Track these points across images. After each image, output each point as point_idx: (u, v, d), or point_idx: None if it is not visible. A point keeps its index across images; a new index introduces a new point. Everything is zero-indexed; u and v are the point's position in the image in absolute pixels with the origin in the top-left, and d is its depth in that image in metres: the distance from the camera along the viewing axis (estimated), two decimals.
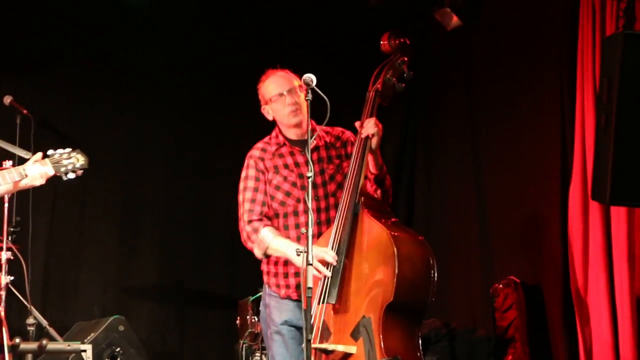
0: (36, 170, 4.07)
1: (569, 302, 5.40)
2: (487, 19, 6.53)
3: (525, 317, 5.60)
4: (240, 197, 4.50)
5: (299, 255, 4.03)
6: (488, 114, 6.52)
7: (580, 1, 5.35)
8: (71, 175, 4.18)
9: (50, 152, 4.17)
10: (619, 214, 5.00)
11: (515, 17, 6.22)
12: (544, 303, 5.70)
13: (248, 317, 6.17)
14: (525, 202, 6.10)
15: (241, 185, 4.52)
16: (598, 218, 5.16)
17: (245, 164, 4.55)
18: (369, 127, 4.31)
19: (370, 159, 4.34)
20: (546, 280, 5.78)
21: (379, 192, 4.42)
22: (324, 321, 4.09)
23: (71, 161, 4.17)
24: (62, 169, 4.15)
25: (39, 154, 4.16)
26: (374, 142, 4.30)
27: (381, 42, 4.51)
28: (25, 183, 4.09)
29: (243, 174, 4.54)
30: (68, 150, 4.22)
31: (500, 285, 5.71)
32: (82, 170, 4.20)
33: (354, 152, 4.34)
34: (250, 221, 4.43)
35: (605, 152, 3.78)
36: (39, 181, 4.11)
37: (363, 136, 4.30)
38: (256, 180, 4.50)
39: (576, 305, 5.31)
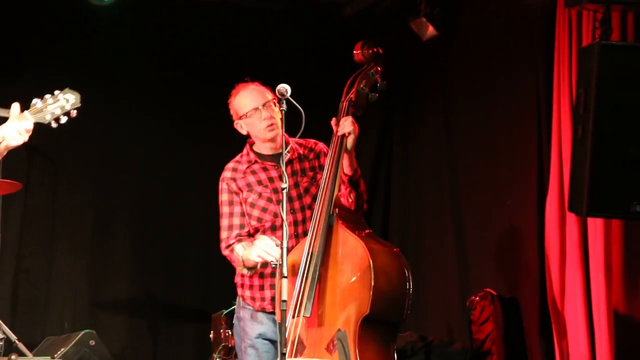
0: (12, 128, 3.66)
1: (546, 315, 5.41)
2: (463, 29, 6.56)
3: (502, 330, 5.60)
4: (220, 224, 4.51)
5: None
6: (464, 125, 6.54)
7: (556, 12, 5.38)
8: (63, 119, 3.81)
9: (34, 101, 3.79)
10: (595, 225, 5.02)
11: (491, 27, 6.25)
12: (520, 316, 5.71)
13: (222, 330, 6.15)
14: (501, 214, 6.12)
15: (219, 211, 4.53)
16: (575, 230, 5.18)
17: (219, 188, 4.56)
18: (346, 125, 4.31)
19: (345, 159, 4.33)
20: (523, 292, 5.79)
21: (352, 195, 4.41)
22: (299, 335, 4.08)
23: (59, 104, 3.80)
24: (48, 116, 3.77)
25: (16, 108, 3.75)
26: (350, 141, 4.30)
27: (354, 52, 4.53)
28: (4, 145, 3.68)
29: (218, 199, 4.55)
30: (55, 93, 3.84)
31: (477, 298, 5.71)
32: (75, 111, 3.83)
33: (328, 156, 4.34)
34: (227, 246, 4.46)
35: (582, 164, 3.80)
36: (20, 139, 3.69)
37: (339, 134, 4.30)
38: (230, 204, 4.51)
39: (553, 318, 5.32)
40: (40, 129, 6.85)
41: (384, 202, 7.25)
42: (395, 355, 4.16)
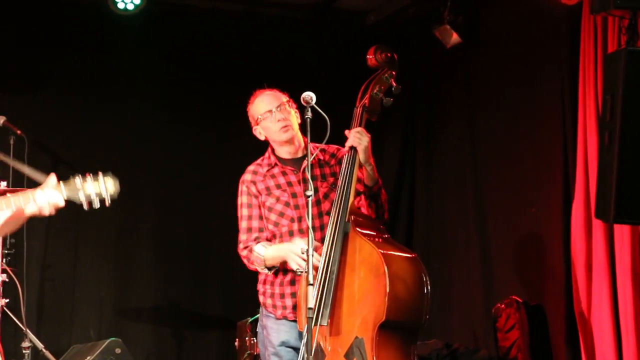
0: (44, 198, 3.52)
1: (572, 322, 5.39)
2: (487, 36, 6.55)
3: (527, 337, 5.58)
4: (238, 226, 4.52)
5: (300, 273, 4.04)
6: (489, 133, 6.52)
7: (581, 18, 5.36)
8: (96, 204, 3.63)
9: (74, 178, 3.63)
10: (622, 232, 5.00)
11: (515, 35, 6.24)
12: (547, 323, 5.69)
13: (247, 338, 6.16)
14: (526, 220, 6.10)
15: (238, 213, 4.54)
16: (601, 236, 5.16)
17: (239, 191, 4.57)
18: (352, 138, 4.31)
19: (364, 171, 4.34)
20: (549, 299, 5.77)
21: (373, 206, 4.41)
22: (317, 342, 4.08)
23: (96, 189, 3.62)
24: (82, 197, 3.60)
25: (53, 178, 3.60)
26: (360, 153, 4.30)
27: (367, 57, 4.52)
28: (31, 211, 3.56)
29: (238, 202, 4.57)
30: (98, 175, 3.67)
31: (503, 305, 5.70)
32: (109, 199, 3.65)
33: (342, 167, 4.34)
34: (244, 247, 4.46)
35: (609, 170, 3.78)
36: (47, 209, 3.56)
37: (346, 148, 4.31)
38: (249, 207, 4.52)
39: (579, 325, 5.29)
40: (63, 137, 6.98)
41: (408, 209, 7.24)
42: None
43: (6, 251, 6.17)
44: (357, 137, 4.31)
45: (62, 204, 3.57)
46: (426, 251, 6.71)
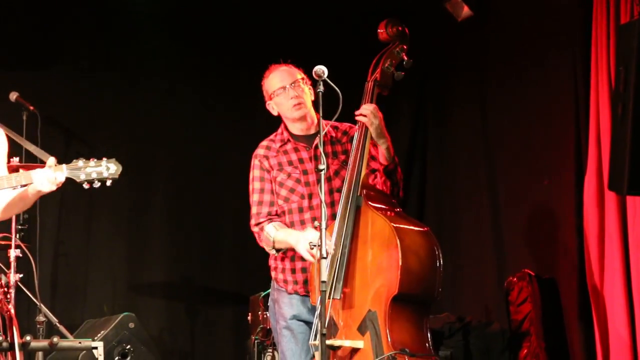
0: (42, 175, 3.76)
1: (585, 295, 5.38)
2: (498, 9, 6.50)
3: (540, 310, 5.58)
4: (250, 200, 4.53)
5: (312, 248, 4.06)
6: (500, 106, 6.50)
7: None
8: (96, 184, 3.85)
9: (77, 160, 3.87)
10: (635, 204, 4.97)
11: (527, 6, 6.20)
12: (559, 296, 5.69)
13: (259, 312, 6.18)
14: (538, 194, 6.09)
15: (250, 187, 4.55)
16: (614, 209, 5.13)
17: (251, 165, 4.59)
18: (363, 108, 4.30)
19: (380, 149, 4.33)
20: (561, 273, 5.76)
21: (388, 184, 4.41)
22: (330, 316, 4.09)
23: (98, 169, 3.83)
24: (82, 176, 3.83)
25: (52, 160, 3.84)
26: (372, 130, 4.28)
27: (379, 31, 4.51)
28: (32, 189, 3.80)
29: (250, 176, 4.57)
30: (102, 160, 3.88)
31: (515, 279, 5.69)
32: (110, 180, 3.86)
33: (354, 139, 4.33)
34: (257, 223, 4.48)
35: (622, 142, 3.77)
36: (47, 186, 3.78)
37: (357, 118, 4.30)
38: (261, 180, 4.53)
39: (592, 298, 5.29)
40: (75, 113, 6.99)
41: (420, 184, 7.24)
42: (429, 334, 4.15)
43: (19, 227, 6.19)
44: (368, 113, 4.29)
45: (62, 179, 3.78)
46: (438, 225, 6.70)
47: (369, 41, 4.73)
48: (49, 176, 3.75)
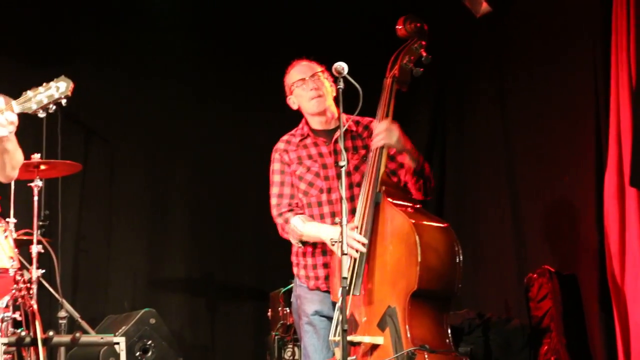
0: None
1: (606, 292, 5.35)
2: (518, 4, 6.49)
3: (560, 307, 5.57)
4: (270, 192, 4.54)
5: (333, 245, 4.07)
6: (520, 102, 6.48)
7: None
8: (51, 108, 3.57)
9: (27, 91, 3.57)
10: None
11: (547, 1, 6.18)
12: (579, 293, 5.67)
13: (280, 308, 6.20)
14: (558, 190, 6.07)
15: (270, 179, 4.56)
16: (635, 205, 5.10)
17: (272, 158, 4.60)
18: (377, 139, 4.28)
19: (405, 156, 4.33)
20: (581, 269, 5.74)
21: (420, 183, 4.41)
22: (351, 313, 4.09)
23: (48, 92, 3.56)
24: (34, 106, 3.53)
25: (1, 101, 3.57)
26: (391, 146, 4.28)
27: (397, 27, 4.49)
28: None
29: (270, 169, 4.59)
30: (50, 82, 3.60)
31: (535, 275, 5.68)
32: (64, 99, 3.58)
33: (372, 149, 4.32)
34: (279, 214, 4.48)
35: None
36: (3, 130, 3.49)
37: (373, 147, 4.29)
38: (281, 173, 4.54)
39: (613, 295, 5.26)
40: (95, 111, 7.02)
41: (439, 179, 7.21)
42: (449, 330, 4.14)
43: (41, 222, 6.23)
44: (380, 140, 4.28)
45: (13, 118, 3.51)
46: (457, 221, 6.68)
47: (387, 37, 4.73)
48: (0, 120, 3.48)
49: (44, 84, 3.56)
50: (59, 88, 3.56)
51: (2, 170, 3.70)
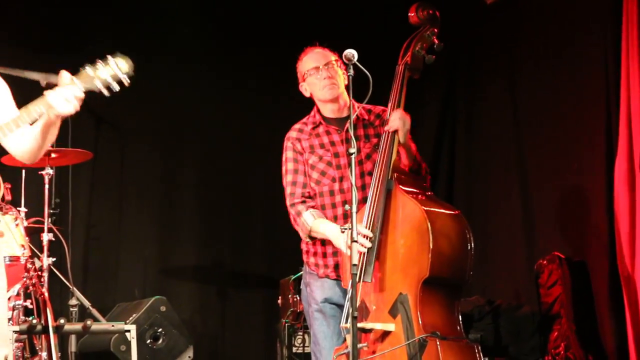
0: (58, 96, 3.43)
1: (616, 278, 5.36)
2: None
3: (570, 293, 5.58)
4: (283, 181, 4.55)
5: (343, 232, 4.07)
6: (530, 89, 6.48)
7: None
8: (115, 87, 3.52)
9: (85, 67, 3.50)
10: None
11: None
12: (589, 279, 5.68)
13: (289, 296, 6.21)
14: (568, 177, 6.07)
15: (282, 168, 4.57)
16: None
17: (284, 147, 4.60)
18: (393, 122, 4.29)
19: (402, 152, 4.33)
20: (591, 256, 5.75)
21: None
22: (362, 300, 4.10)
23: (110, 71, 3.50)
24: (98, 83, 3.48)
25: (65, 75, 3.49)
26: (401, 135, 4.28)
27: (409, 14, 4.48)
28: (54, 114, 3.47)
29: (283, 157, 4.59)
30: (107, 58, 3.52)
31: (545, 262, 5.69)
32: (126, 78, 3.53)
33: (383, 134, 4.32)
34: (292, 204, 4.49)
35: None
36: (69, 106, 3.45)
37: (390, 131, 4.29)
38: (294, 162, 4.54)
39: (623, 281, 5.27)
40: (105, 99, 7.02)
41: (449, 167, 7.23)
42: (460, 317, 4.15)
43: (52, 210, 6.25)
44: (398, 121, 4.28)
45: (80, 94, 3.46)
46: (468, 208, 6.68)
47: (398, 24, 4.72)
48: (65, 95, 3.44)
49: (101, 62, 3.49)
50: (120, 67, 3.51)
51: (38, 150, 3.66)
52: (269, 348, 6.80)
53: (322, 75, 4.49)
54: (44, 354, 5.65)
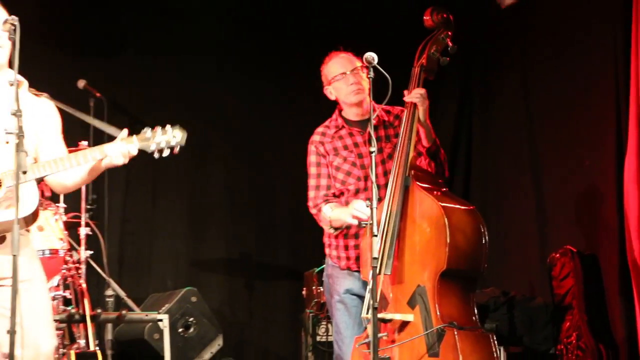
0: (116, 149, 3.61)
1: (625, 271, 5.32)
2: None
3: (582, 285, 5.55)
4: (307, 184, 4.57)
5: (365, 227, 4.08)
6: (543, 89, 6.45)
7: None
8: (166, 152, 3.66)
9: (145, 129, 3.69)
10: None
11: None
12: (600, 272, 5.64)
13: (313, 287, 6.22)
14: (580, 173, 6.04)
15: (307, 171, 4.58)
16: None
17: (308, 150, 4.63)
18: (414, 94, 4.30)
19: (422, 132, 4.34)
20: (602, 250, 5.72)
21: (432, 165, 4.43)
22: (381, 291, 4.10)
23: (166, 138, 3.64)
24: (153, 147, 3.65)
25: (124, 132, 3.69)
26: (421, 112, 4.29)
27: (424, 18, 4.51)
28: (106, 163, 3.63)
29: (307, 161, 4.61)
30: (166, 127, 3.69)
31: (557, 255, 5.67)
32: (178, 147, 3.66)
33: (402, 124, 4.33)
34: (315, 205, 4.53)
35: None
36: (121, 160, 3.62)
37: (407, 100, 4.30)
38: (317, 165, 4.57)
39: (633, 274, 5.22)
40: (139, 102, 7.05)
41: (465, 163, 7.21)
42: (475, 308, 4.16)
43: (88, 206, 6.29)
44: (419, 95, 4.30)
45: (134, 152, 3.63)
46: (483, 204, 6.68)
47: (413, 27, 4.72)
48: (122, 150, 3.61)
49: (161, 128, 3.65)
50: (176, 137, 3.64)
51: (75, 187, 3.81)
52: (294, 337, 6.81)
53: (349, 81, 4.51)
54: (82, 342, 5.70)
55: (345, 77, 4.52)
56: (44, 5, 6.53)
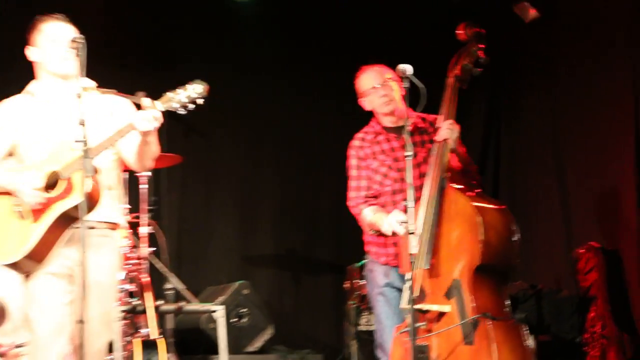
0: (137, 116, 3.55)
1: None
2: (564, 10, 6.43)
3: (605, 278, 5.55)
4: (348, 185, 4.63)
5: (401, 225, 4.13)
6: (567, 95, 6.44)
7: None
8: (190, 106, 3.62)
9: (167, 93, 3.62)
10: None
11: (590, 7, 6.12)
12: (622, 267, 5.63)
13: (355, 281, 6.23)
14: (602, 173, 6.03)
15: (348, 174, 4.63)
16: None
17: (348, 154, 4.68)
18: (443, 131, 4.32)
19: (452, 157, 4.36)
20: (624, 246, 5.71)
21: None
22: (419, 284, 4.14)
23: (187, 93, 3.60)
24: (175, 104, 3.58)
25: (146, 100, 3.59)
26: (450, 143, 4.31)
27: (458, 32, 4.52)
28: (139, 132, 3.59)
29: (347, 164, 4.67)
30: (186, 85, 3.64)
31: (582, 250, 5.67)
32: (201, 99, 3.62)
33: (434, 155, 4.34)
34: (355, 206, 4.58)
35: None
36: (148, 125, 3.55)
37: (439, 140, 4.31)
38: (357, 168, 4.62)
39: None
40: (195, 110, 7.12)
41: (495, 166, 7.20)
42: (507, 299, 4.18)
43: (149, 207, 6.36)
44: (448, 130, 4.32)
45: (158, 115, 3.56)
46: (511, 203, 6.63)
47: (445, 39, 4.74)
48: (145, 116, 3.54)
49: (181, 86, 3.62)
50: (195, 89, 3.62)
51: (140, 160, 3.76)
52: (338, 326, 6.82)
53: (380, 93, 4.56)
54: (145, 331, 5.78)
55: (376, 90, 4.57)
56: (107, 25, 6.63)
